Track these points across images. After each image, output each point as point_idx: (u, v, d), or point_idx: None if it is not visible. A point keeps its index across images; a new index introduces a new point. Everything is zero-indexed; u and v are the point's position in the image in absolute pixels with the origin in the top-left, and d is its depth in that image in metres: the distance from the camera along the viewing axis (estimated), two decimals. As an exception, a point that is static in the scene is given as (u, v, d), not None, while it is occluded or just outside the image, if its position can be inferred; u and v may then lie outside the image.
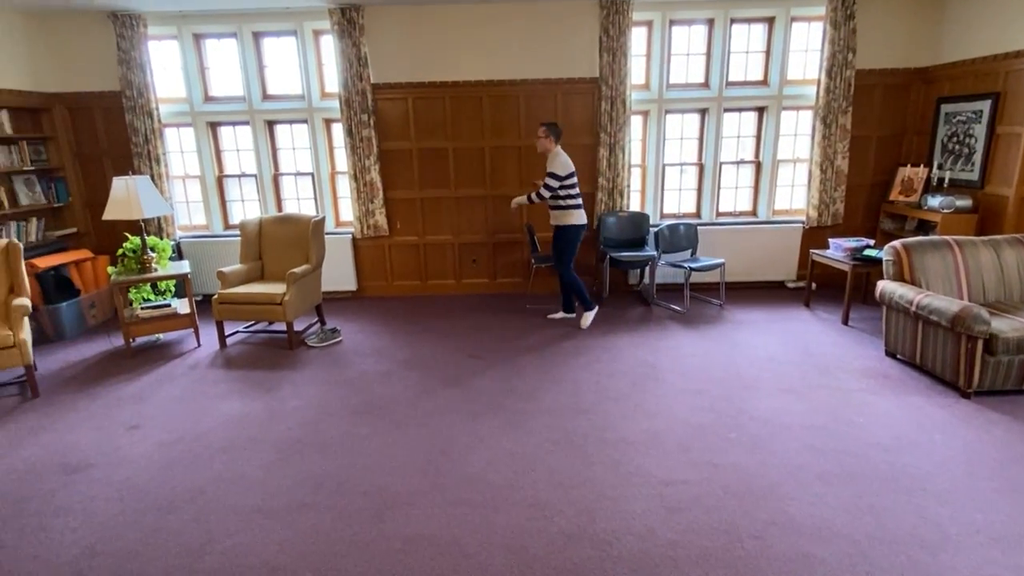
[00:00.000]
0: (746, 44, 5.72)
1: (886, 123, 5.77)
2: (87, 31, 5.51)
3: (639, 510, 2.53)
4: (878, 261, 4.66)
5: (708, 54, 5.71)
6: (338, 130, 5.89)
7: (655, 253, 5.47)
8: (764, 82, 5.79)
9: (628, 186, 5.77)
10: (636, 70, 5.69)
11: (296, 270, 4.66)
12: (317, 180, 5.98)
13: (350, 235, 5.97)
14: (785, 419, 3.30)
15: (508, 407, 3.55)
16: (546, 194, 4.67)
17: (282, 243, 5.11)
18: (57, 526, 2.54)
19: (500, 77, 5.60)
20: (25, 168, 5.37)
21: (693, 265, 5.25)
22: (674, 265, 5.41)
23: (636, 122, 5.85)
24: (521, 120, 5.72)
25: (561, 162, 4.65)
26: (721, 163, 5.93)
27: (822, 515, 2.48)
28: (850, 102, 5.53)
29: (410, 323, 5.26)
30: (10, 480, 2.91)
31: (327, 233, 5.90)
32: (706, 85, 5.78)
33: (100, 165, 5.85)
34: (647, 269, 5.91)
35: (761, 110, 5.85)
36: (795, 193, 6.09)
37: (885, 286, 4.04)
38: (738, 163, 6.00)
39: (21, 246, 4.20)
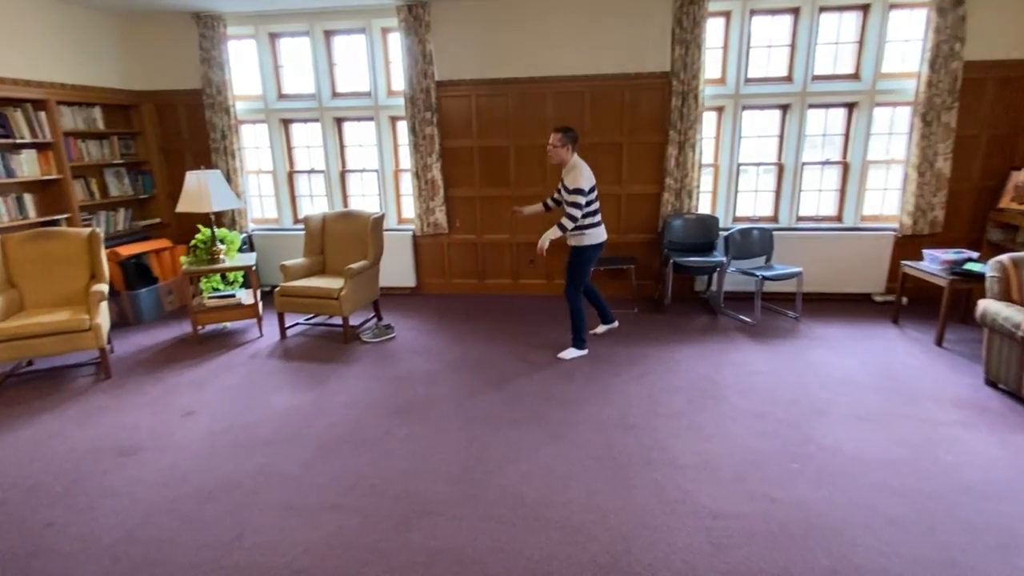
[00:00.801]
0: (836, 34, 5.23)
1: (998, 121, 5.10)
2: (173, 32, 5.82)
3: (681, 543, 2.31)
4: (981, 276, 4.10)
5: (792, 45, 5.27)
6: (403, 128, 5.92)
7: (724, 259, 5.11)
8: (855, 75, 5.27)
9: (697, 187, 5.43)
10: (711, 63, 5.34)
11: (353, 266, 4.70)
12: (381, 177, 6.04)
13: (411, 232, 5.99)
14: (859, 451, 2.94)
15: (551, 417, 3.38)
16: (577, 214, 3.91)
17: (343, 238, 5.19)
18: (104, 508, 2.64)
19: (565, 73, 5.42)
20: (115, 161, 5.75)
21: (766, 273, 4.86)
22: (745, 272, 5.04)
23: (709, 119, 5.50)
24: (586, 117, 5.51)
25: (585, 174, 3.93)
26: (803, 163, 5.46)
27: (893, 567, 2.15)
28: (956, 97, 4.92)
29: (464, 322, 5.19)
30: (71, 458, 3.07)
31: (389, 230, 5.95)
32: (789, 79, 5.34)
33: (182, 159, 6.17)
34: (715, 276, 5.54)
35: (851, 106, 5.34)
36: (887, 198, 5.52)
37: (988, 306, 3.54)
38: (823, 164, 5.51)
39: (102, 235, 4.48)
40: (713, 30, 5.28)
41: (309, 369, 4.22)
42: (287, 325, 5.03)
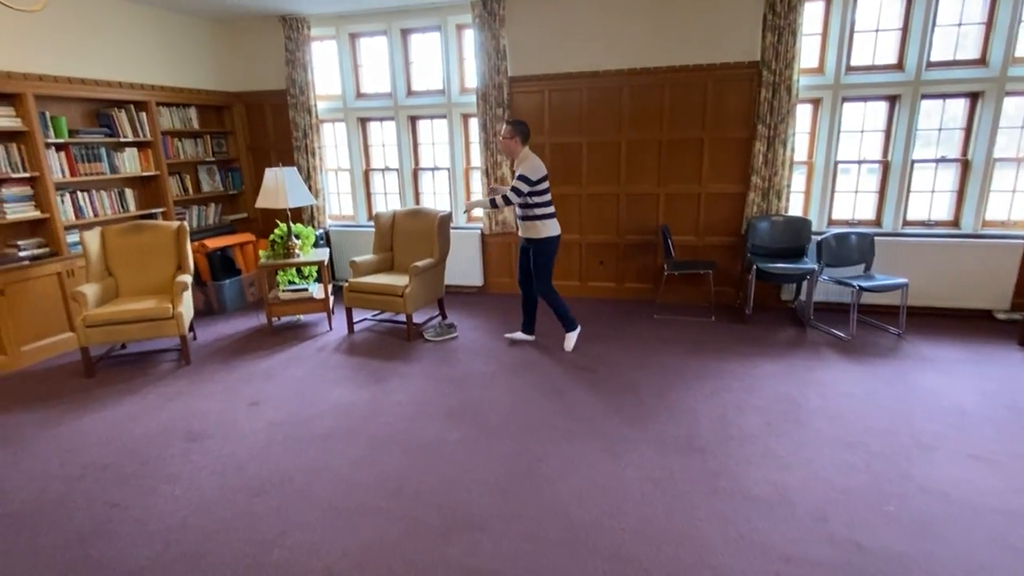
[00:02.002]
0: (959, 14, 4.60)
1: None
2: (261, 35, 6.08)
3: (747, 590, 2.04)
4: None
5: (904, 29, 4.70)
6: (475, 125, 5.87)
7: (815, 266, 4.64)
8: (981, 61, 4.61)
9: (788, 186, 4.98)
10: (808, 51, 4.86)
11: (418, 263, 4.68)
12: (452, 175, 6.02)
13: (479, 230, 5.93)
14: (971, 496, 2.51)
15: (610, 431, 3.16)
16: (515, 199, 3.94)
17: (411, 236, 5.19)
18: (165, 492, 2.73)
19: (643, 65, 5.14)
20: (207, 159, 6.10)
21: (865, 283, 4.36)
22: (840, 282, 4.55)
23: (803, 112, 5.02)
24: (664, 111, 5.20)
25: (533, 165, 3.97)
26: (913, 161, 4.86)
27: (1018, 651, 1.78)
28: (1114, 82, 4.18)
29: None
30: (144, 440, 3.22)
31: (457, 228, 5.93)
32: (899, 67, 4.76)
33: (268, 157, 6.45)
34: (804, 284, 5.06)
35: (975, 96, 4.68)
36: (1016, 201, 4.80)
37: None
38: (937, 162, 4.88)
39: (188, 229, 4.73)
40: (811, 15, 4.81)
41: (371, 366, 4.24)
42: (355, 320, 5.10)
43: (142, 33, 5.27)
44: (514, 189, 3.95)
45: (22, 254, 4.35)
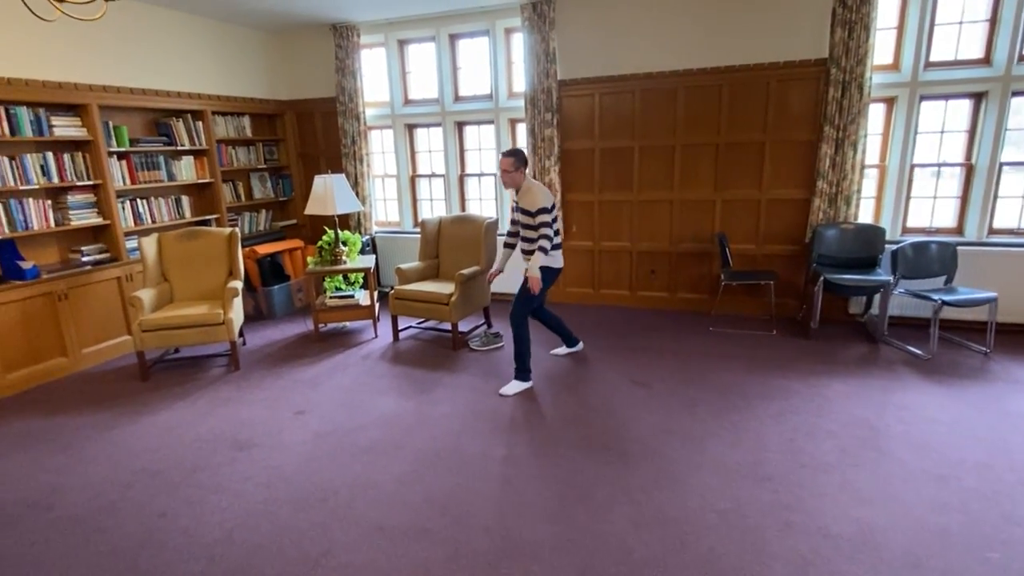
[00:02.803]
0: (1057, 2, 4.20)
1: None
2: (312, 44, 6.15)
3: (832, 645, 1.82)
4: None
5: (993, 20, 4.32)
6: (522, 130, 5.76)
7: (890, 278, 4.30)
8: (1083, 52, 4.19)
9: (858, 191, 4.65)
10: (881, 46, 4.54)
11: (464, 271, 4.59)
12: (499, 181, 5.92)
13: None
14: (1094, 547, 2.20)
15: (667, 454, 2.97)
16: (550, 233, 3.64)
17: (458, 243, 5.11)
18: (211, 503, 2.69)
19: (699, 65, 4.91)
20: (259, 166, 6.20)
21: (947, 297, 4.00)
22: (918, 295, 4.20)
23: (875, 112, 4.69)
24: (722, 113, 4.95)
25: (543, 193, 3.69)
26: (1002, 164, 4.46)
27: None
28: None
29: (576, 333, 4.87)
30: (193, 448, 3.22)
31: (503, 234, 5.81)
32: (986, 61, 4.38)
33: (317, 164, 6.52)
34: (877, 297, 4.71)
35: (1075, 91, 4.26)
36: (1125, 207, 4.34)
37: None
38: (1029, 164, 4.47)
39: (239, 235, 4.78)
40: (885, 7, 4.48)
41: (416, 375, 4.16)
42: (400, 328, 5.05)
43: (200, 44, 5.39)
44: (544, 225, 3.63)
45: (85, 259, 4.47)
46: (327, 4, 5.20)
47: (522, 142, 5.79)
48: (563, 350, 4.47)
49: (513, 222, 4.03)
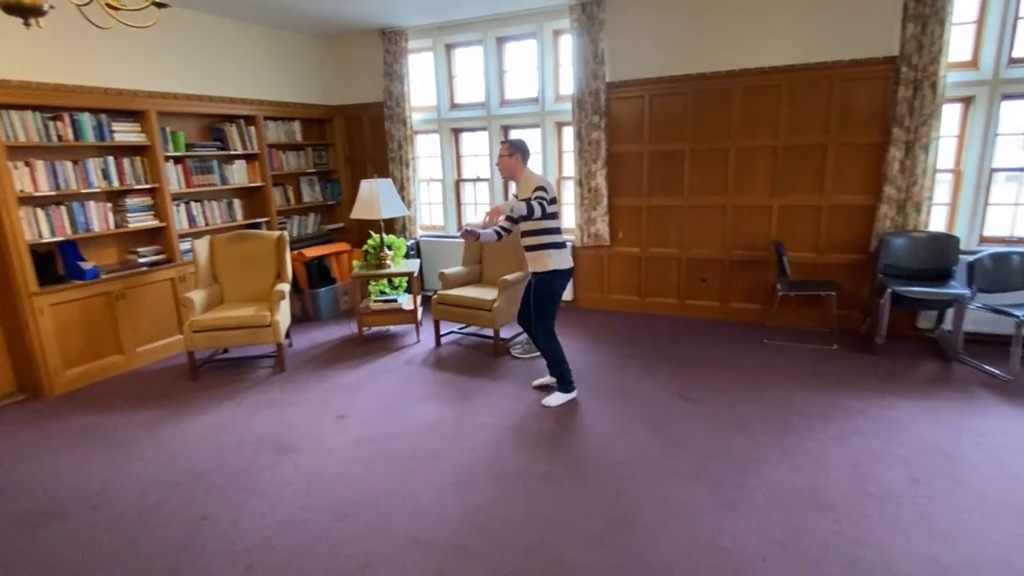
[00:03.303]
0: None
1: None
2: (361, 49, 6.21)
3: None
4: None
5: (1087, 11, 3.95)
6: (568, 133, 5.65)
7: (966, 291, 3.98)
8: None
9: (929, 198, 4.34)
10: (958, 42, 4.22)
11: (507, 277, 4.52)
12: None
13: (569, 243, 5.66)
14: None
15: (719, 476, 2.80)
16: (538, 211, 3.23)
17: (501, 248, 5.03)
18: (252, 508, 2.69)
19: (757, 65, 4.69)
20: (308, 170, 6.30)
21: (1030, 313, 3.67)
22: (997, 310, 3.87)
23: (950, 113, 4.36)
24: (780, 115, 4.71)
25: (545, 181, 3.40)
26: (1095, 168, 4.07)
27: None
28: None
29: (620, 343, 4.73)
30: (237, 450, 3.24)
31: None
32: (1079, 56, 4.01)
33: (364, 168, 6.57)
34: (949, 312, 4.37)
35: None
36: None
37: None
38: None
39: (288, 239, 4.85)
40: (963, 0, 4.17)
41: (457, 382, 4.10)
42: (442, 333, 5.01)
43: (254, 51, 5.52)
44: (537, 199, 3.26)
45: (141, 260, 4.62)
46: (377, 9, 5.23)
47: (568, 146, 5.68)
48: (546, 379, 3.91)
49: (508, 217, 3.45)
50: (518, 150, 3.52)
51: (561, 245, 3.53)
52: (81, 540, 2.51)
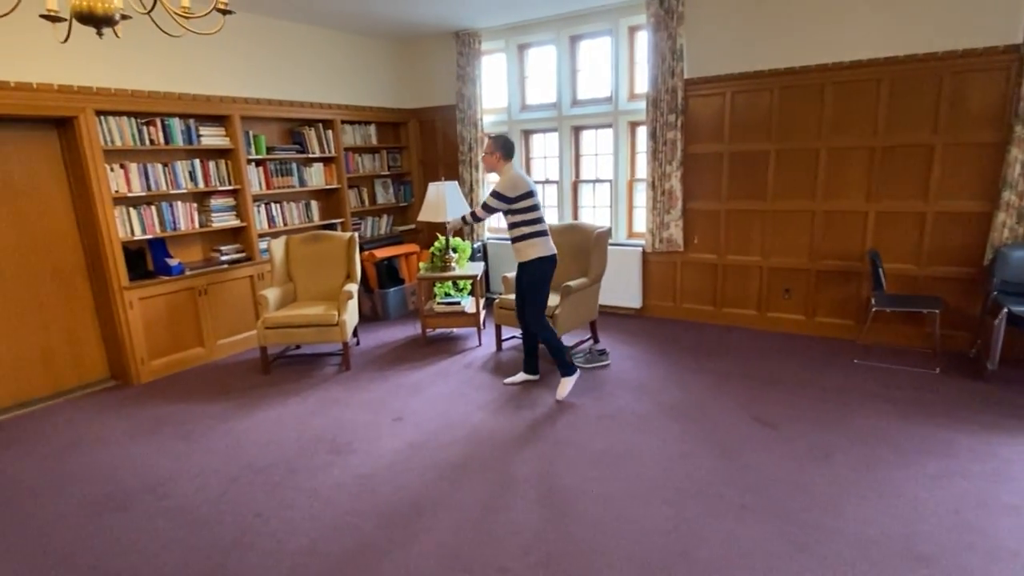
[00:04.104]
0: None
1: None
2: (435, 52, 6.26)
3: None
4: None
5: None
6: (642, 134, 5.42)
7: (1104, 314, 3.42)
8: None
9: (1060, 205, 3.77)
10: (1103, 25, 3.64)
11: (571, 283, 4.37)
12: (614, 188, 5.62)
13: (640, 248, 5.44)
14: None
15: (794, 513, 2.52)
16: (481, 214, 3.77)
17: (567, 252, 4.89)
18: (303, 508, 2.72)
19: (853, 57, 4.27)
20: (383, 173, 6.43)
21: None
22: None
23: (1091, 107, 3.77)
24: (879, 112, 4.27)
25: (511, 181, 3.62)
26: None
27: None
28: None
29: (690, 356, 4.46)
30: (296, 447, 3.31)
31: (616, 244, 5.51)
32: None
33: (436, 171, 6.63)
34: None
35: None
36: None
37: None
38: None
39: (358, 240, 4.95)
40: (1112, -25, 3.59)
41: (514, 389, 4.01)
42: (504, 337, 4.94)
43: (331, 56, 5.69)
44: (484, 205, 3.70)
45: (223, 258, 4.87)
46: (452, 12, 5.24)
47: (641, 146, 5.44)
48: (519, 377, 4.16)
49: (484, 206, 3.74)
50: (499, 148, 3.70)
51: (543, 234, 3.74)
52: (141, 528, 2.62)
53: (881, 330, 4.53)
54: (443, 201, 4.88)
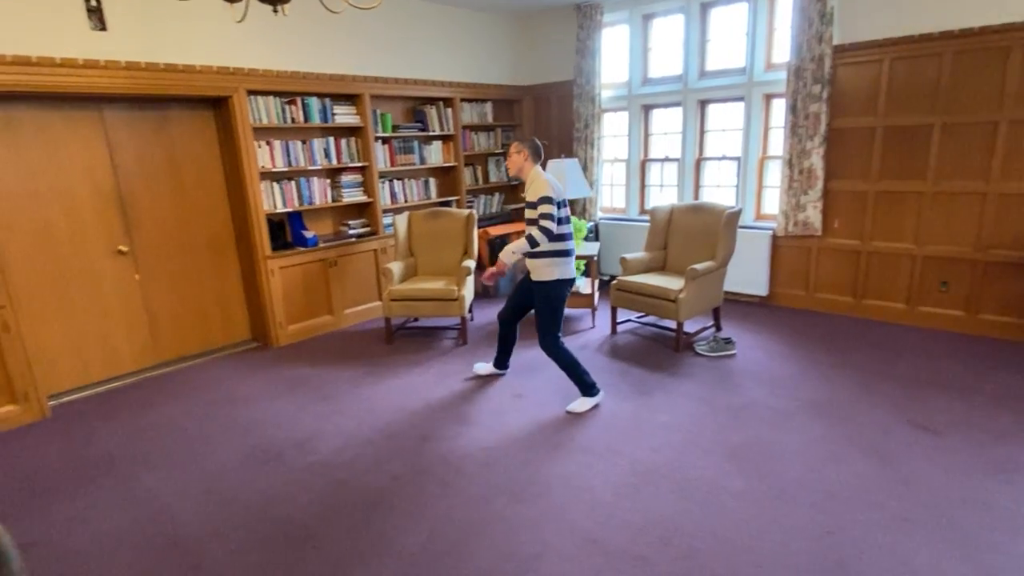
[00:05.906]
0: None
1: None
2: (554, 26, 6.13)
3: None
4: None
5: None
6: (778, 107, 5.01)
7: None
8: None
9: None
10: None
11: (697, 266, 4.16)
12: (743, 166, 5.26)
13: (770, 231, 5.07)
14: None
15: (971, 532, 2.24)
16: (552, 227, 3.17)
17: (691, 234, 4.67)
18: (437, 475, 2.80)
19: (1053, 13, 3.66)
20: (496, 151, 6.45)
21: None
22: None
23: None
24: (1083, 78, 3.64)
25: (545, 181, 3.24)
26: None
27: None
28: None
29: (828, 351, 4.11)
30: (423, 415, 3.42)
31: (743, 227, 5.16)
32: None
33: (549, 149, 6.54)
34: None
35: None
36: None
37: None
38: None
39: (475, 217, 5.00)
40: None
41: (634, 374, 3.90)
42: (619, 320, 4.82)
43: (452, 33, 5.73)
44: (545, 216, 3.17)
45: (351, 232, 5.11)
46: (573, -17, 5.09)
47: (776, 121, 5.04)
48: (486, 368, 3.97)
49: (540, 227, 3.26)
50: (528, 149, 3.40)
51: (567, 254, 3.37)
52: (289, 481, 2.82)
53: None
54: (563, 178, 4.80)
